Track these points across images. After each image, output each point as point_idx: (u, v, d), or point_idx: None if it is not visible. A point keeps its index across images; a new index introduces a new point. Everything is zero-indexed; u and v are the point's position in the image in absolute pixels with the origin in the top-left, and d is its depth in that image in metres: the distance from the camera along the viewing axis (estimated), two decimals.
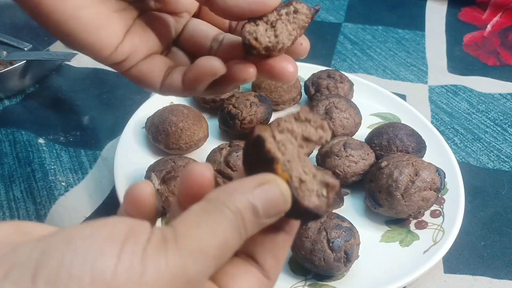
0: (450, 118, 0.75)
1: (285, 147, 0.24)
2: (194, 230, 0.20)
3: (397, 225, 0.56)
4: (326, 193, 0.24)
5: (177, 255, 0.19)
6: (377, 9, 1.03)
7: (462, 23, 0.99)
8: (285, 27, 0.30)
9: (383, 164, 0.55)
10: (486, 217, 0.60)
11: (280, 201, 0.23)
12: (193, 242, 0.20)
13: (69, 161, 0.64)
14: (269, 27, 0.30)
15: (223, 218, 0.21)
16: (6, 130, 0.68)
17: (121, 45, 0.32)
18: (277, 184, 0.23)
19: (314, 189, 0.24)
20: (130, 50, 0.32)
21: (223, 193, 0.22)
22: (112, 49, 0.32)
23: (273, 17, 0.30)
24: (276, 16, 0.30)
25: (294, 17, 0.31)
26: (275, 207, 0.23)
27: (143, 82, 0.34)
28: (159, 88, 0.34)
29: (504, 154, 0.69)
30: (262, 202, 0.22)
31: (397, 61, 0.88)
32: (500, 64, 0.88)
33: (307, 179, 0.24)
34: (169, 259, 0.19)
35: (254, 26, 0.30)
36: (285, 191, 0.23)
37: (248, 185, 0.22)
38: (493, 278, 0.53)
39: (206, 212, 0.21)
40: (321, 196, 0.24)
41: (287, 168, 0.23)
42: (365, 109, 0.69)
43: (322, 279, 0.50)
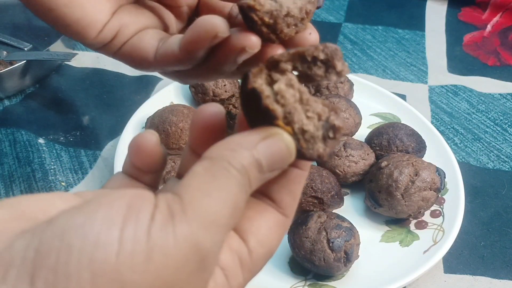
0: (450, 118, 0.75)
1: (284, 98, 0.22)
2: (203, 199, 0.19)
3: (397, 225, 0.56)
4: (333, 134, 0.22)
5: (187, 229, 0.18)
6: (377, 9, 1.03)
7: (462, 23, 0.99)
8: None
9: (383, 164, 0.55)
10: (486, 217, 0.60)
11: (285, 155, 0.22)
12: (203, 213, 0.19)
13: (69, 161, 0.64)
14: None
15: (230, 180, 0.20)
16: (6, 130, 0.68)
17: (108, 23, 0.30)
18: (281, 137, 0.22)
19: (318, 135, 0.22)
20: (119, 26, 0.31)
21: (227, 149, 0.21)
22: (99, 27, 0.30)
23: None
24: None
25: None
26: (280, 161, 0.22)
27: (135, 56, 0.31)
28: (153, 58, 0.31)
29: (504, 154, 0.69)
30: (266, 157, 0.21)
31: (397, 61, 0.88)
32: (500, 64, 0.88)
33: (310, 128, 0.22)
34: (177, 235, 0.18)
35: None
36: (290, 144, 0.22)
37: (251, 139, 0.21)
38: (493, 278, 0.53)
39: (212, 176, 0.20)
40: (327, 138, 0.22)
41: (289, 121, 0.22)
42: (365, 109, 0.69)
43: (322, 279, 0.50)
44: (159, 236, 0.17)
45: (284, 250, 0.52)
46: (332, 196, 0.54)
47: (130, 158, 0.25)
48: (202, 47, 0.27)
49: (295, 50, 0.22)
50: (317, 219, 0.50)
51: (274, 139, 0.21)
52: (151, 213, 0.18)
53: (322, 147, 0.22)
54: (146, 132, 0.25)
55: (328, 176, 0.55)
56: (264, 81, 0.22)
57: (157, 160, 0.25)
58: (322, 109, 0.22)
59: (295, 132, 0.22)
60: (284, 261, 0.52)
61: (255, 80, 0.21)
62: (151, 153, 0.25)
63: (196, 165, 0.20)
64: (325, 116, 0.22)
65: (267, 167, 0.21)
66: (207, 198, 0.19)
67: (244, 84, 0.22)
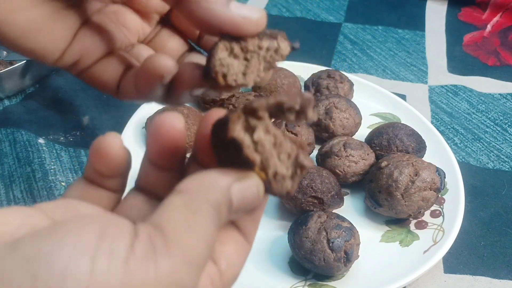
0: (450, 118, 0.75)
1: (263, 146, 0.22)
2: (185, 235, 0.19)
3: (397, 225, 0.56)
4: (300, 171, 0.23)
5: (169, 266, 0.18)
6: (377, 9, 1.03)
7: (462, 23, 0.99)
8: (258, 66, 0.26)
9: (383, 164, 0.55)
10: (486, 217, 0.60)
11: (255, 198, 0.22)
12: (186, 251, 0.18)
13: (69, 161, 0.64)
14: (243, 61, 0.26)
15: (208, 217, 0.20)
16: (6, 130, 0.68)
17: (68, 48, 0.28)
18: (254, 182, 0.22)
19: (288, 174, 0.23)
20: (81, 52, 0.29)
21: (204, 185, 0.21)
22: (58, 54, 0.28)
23: (252, 45, 0.26)
24: (256, 46, 0.26)
25: (272, 56, 0.26)
26: (250, 204, 0.22)
27: (98, 86, 0.30)
28: (115, 93, 0.30)
29: (504, 154, 0.69)
30: (238, 199, 0.21)
31: (397, 61, 0.88)
32: (500, 64, 0.88)
33: (282, 170, 0.23)
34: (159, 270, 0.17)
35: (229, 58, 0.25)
36: (260, 188, 0.22)
37: (227, 179, 0.21)
38: (493, 278, 0.53)
39: (192, 211, 0.20)
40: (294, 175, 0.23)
41: (264, 166, 0.22)
42: (365, 109, 0.69)
43: (322, 279, 0.50)
44: (139, 269, 0.17)
45: (284, 250, 0.52)
46: (332, 196, 0.54)
47: (92, 163, 0.24)
48: (154, 88, 0.27)
49: (273, 101, 0.22)
50: (317, 219, 0.50)
51: (247, 183, 0.22)
52: (129, 244, 0.17)
53: (290, 184, 0.23)
54: (109, 135, 0.24)
55: (328, 176, 0.55)
56: (242, 127, 0.22)
57: (122, 164, 0.24)
58: (291, 147, 0.23)
59: (268, 176, 0.22)
60: (284, 261, 0.52)
61: (234, 128, 0.22)
62: (115, 157, 0.23)
63: (175, 197, 0.20)
64: (293, 154, 0.23)
65: (236, 207, 0.22)
66: (189, 235, 0.19)
67: (221, 130, 0.22)
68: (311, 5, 1.03)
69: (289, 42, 0.27)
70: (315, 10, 1.01)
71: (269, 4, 1.02)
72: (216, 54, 0.25)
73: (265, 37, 0.26)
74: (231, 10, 0.25)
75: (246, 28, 0.25)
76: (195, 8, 0.24)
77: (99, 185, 0.25)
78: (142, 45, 0.32)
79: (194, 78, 0.27)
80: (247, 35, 0.25)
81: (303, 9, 1.01)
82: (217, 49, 0.25)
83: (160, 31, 0.33)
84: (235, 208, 0.22)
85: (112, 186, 0.25)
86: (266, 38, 0.26)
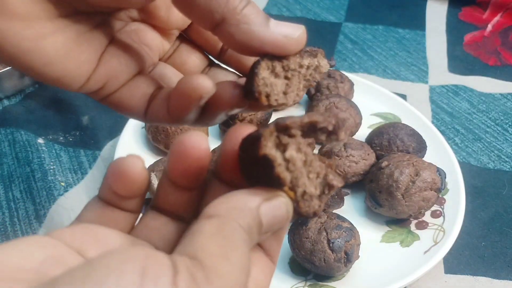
0: (450, 118, 0.75)
1: (294, 165, 0.22)
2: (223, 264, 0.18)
3: (397, 225, 0.56)
4: (328, 190, 0.23)
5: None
6: (378, 8, 1.03)
7: (463, 22, 0.99)
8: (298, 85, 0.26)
9: (383, 164, 0.55)
10: (487, 217, 0.59)
11: (284, 218, 0.22)
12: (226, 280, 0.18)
13: (68, 161, 0.64)
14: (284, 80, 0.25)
15: (242, 241, 0.19)
16: (6, 130, 0.68)
17: (95, 72, 0.27)
18: (283, 201, 0.22)
19: (316, 193, 0.23)
20: (107, 76, 0.27)
21: (234, 208, 0.20)
22: (84, 79, 0.27)
23: (294, 64, 0.25)
24: (297, 65, 0.25)
25: (311, 74, 0.26)
26: (278, 224, 0.22)
27: (124, 111, 0.29)
28: (144, 117, 0.29)
29: (505, 154, 0.69)
30: (268, 219, 0.21)
31: (398, 60, 0.87)
32: (501, 64, 0.88)
33: (311, 190, 0.23)
34: None
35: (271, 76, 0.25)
36: (289, 207, 0.22)
37: (256, 200, 0.21)
38: (493, 278, 0.53)
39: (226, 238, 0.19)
40: (322, 195, 0.23)
41: (293, 185, 0.22)
42: (366, 109, 0.69)
43: (322, 280, 0.50)
44: None
45: (284, 251, 0.52)
46: (332, 196, 0.54)
47: (112, 184, 0.23)
48: (191, 111, 0.26)
49: (308, 120, 0.22)
50: (317, 220, 0.50)
51: (276, 202, 0.21)
52: (171, 280, 0.17)
53: (317, 204, 0.23)
54: (130, 157, 0.23)
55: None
56: (273, 143, 0.22)
57: (142, 186, 0.23)
58: (320, 165, 0.23)
59: (296, 196, 0.22)
60: (284, 261, 0.52)
61: (266, 145, 0.21)
62: (136, 179, 0.23)
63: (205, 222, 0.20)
64: (322, 174, 0.23)
65: (266, 228, 0.21)
66: (226, 263, 0.18)
67: (251, 146, 0.22)
68: (311, 5, 1.02)
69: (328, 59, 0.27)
70: (316, 9, 1.01)
71: (269, 3, 1.02)
72: (259, 74, 0.24)
73: (306, 55, 0.26)
74: (272, 30, 0.24)
75: (288, 48, 0.24)
76: (234, 31, 0.24)
77: (115, 206, 0.24)
78: (164, 63, 0.31)
79: (233, 98, 0.26)
80: (289, 54, 0.25)
81: (303, 9, 1.01)
82: (260, 68, 0.24)
83: (179, 47, 0.32)
84: (265, 229, 0.21)
85: (129, 207, 0.24)
86: (307, 56, 0.26)
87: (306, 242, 0.48)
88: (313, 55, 0.26)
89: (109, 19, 0.28)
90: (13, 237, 0.55)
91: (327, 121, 0.22)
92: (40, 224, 0.56)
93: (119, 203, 0.24)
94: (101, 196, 0.24)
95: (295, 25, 0.25)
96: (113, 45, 0.28)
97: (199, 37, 0.31)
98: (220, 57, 0.32)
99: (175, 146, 0.23)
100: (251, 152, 0.22)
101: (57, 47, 0.25)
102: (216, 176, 0.24)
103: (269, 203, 0.21)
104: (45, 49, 0.24)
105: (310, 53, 0.26)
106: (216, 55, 0.32)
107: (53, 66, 0.25)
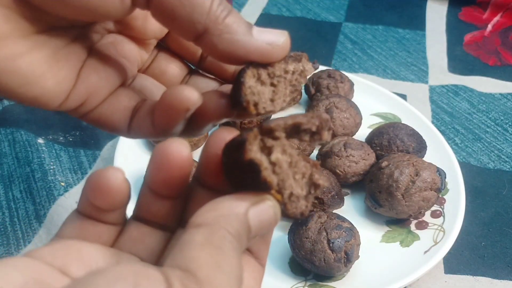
0: (450, 118, 0.75)
1: (281, 167, 0.22)
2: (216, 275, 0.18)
3: (397, 226, 0.56)
4: (314, 190, 0.23)
5: None
6: (378, 8, 1.03)
7: (463, 22, 0.99)
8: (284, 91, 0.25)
9: (383, 164, 0.55)
10: (487, 217, 0.59)
11: (272, 221, 0.22)
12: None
13: (68, 161, 0.64)
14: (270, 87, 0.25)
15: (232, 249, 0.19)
16: (6, 130, 0.68)
17: (74, 89, 0.25)
18: (271, 204, 0.21)
19: (302, 194, 0.23)
20: (87, 92, 0.26)
21: (221, 215, 0.20)
22: (63, 97, 0.25)
23: (279, 70, 0.25)
24: (283, 71, 0.25)
25: (297, 78, 0.26)
26: (267, 227, 0.21)
27: (106, 127, 0.27)
28: (127, 132, 0.27)
29: (505, 154, 0.69)
30: (256, 223, 0.21)
31: (398, 60, 0.87)
32: (500, 64, 0.88)
33: (297, 191, 0.22)
34: None
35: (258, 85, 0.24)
36: (277, 210, 0.22)
37: (243, 204, 0.21)
38: (493, 278, 0.53)
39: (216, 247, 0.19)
40: (308, 195, 0.23)
41: (280, 188, 0.22)
42: (366, 109, 0.69)
43: (322, 280, 0.50)
44: None
45: (284, 251, 0.52)
46: (332, 196, 0.54)
47: (91, 198, 0.22)
48: (177, 123, 0.24)
49: (291, 122, 0.22)
50: (317, 220, 0.50)
51: (264, 206, 0.21)
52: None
53: (304, 204, 0.23)
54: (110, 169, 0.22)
55: (329, 176, 0.55)
56: (258, 147, 0.21)
57: (123, 198, 0.23)
58: (305, 165, 0.23)
59: (283, 198, 0.22)
60: (285, 261, 0.52)
61: (251, 148, 0.21)
62: (117, 192, 0.22)
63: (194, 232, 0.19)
64: (308, 174, 0.23)
65: (254, 232, 0.21)
66: (219, 273, 0.18)
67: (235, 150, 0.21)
68: (311, 5, 1.02)
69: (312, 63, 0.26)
70: (316, 9, 1.01)
71: (269, 3, 1.02)
72: (246, 83, 0.24)
73: (290, 60, 0.25)
74: (256, 38, 0.23)
75: (273, 55, 0.24)
76: (217, 41, 0.23)
77: (96, 219, 0.23)
78: (143, 75, 0.30)
79: (220, 108, 0.25)
80: (274, 61, 0.24)
81: (303, 9, 1.01)
82: (246, 76, 0.24)
83: (157, 56, 0.31)
84: (253, 234, 0.21)
85: (111, 219, 0.24)
86: (292, 61, 0.25)
87: (306, 242, 0.48)
88: (298, 60, 0.26)
89: (85, 32, 0.27)
90: (13, 237, 0.55)
91: (311, 122, 0.22)
92: (40, 224, 0.56)
93: (100, 216, 0.23)
94: (80, 210, 0.23)
95: (278, 32, 0.24)
96: (91, 59, 0.27)
97: (178, 46, 0.30)
98: (200, 65, 0.31)
99: (155, 155, 0.22)
100: (235, 157, 0.21)
101: (33, 66, 0.23)
102: (199, 183, 0.24)
103: (257, 208, 0.21)
104: (21, 69, 0.23)
105: (294, 58, 0.26)
106: (196, 63, 0.31)
107: (30, 86, 0.24)
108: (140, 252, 0.24)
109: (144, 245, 0.24)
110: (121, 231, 0.24)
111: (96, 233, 0.23)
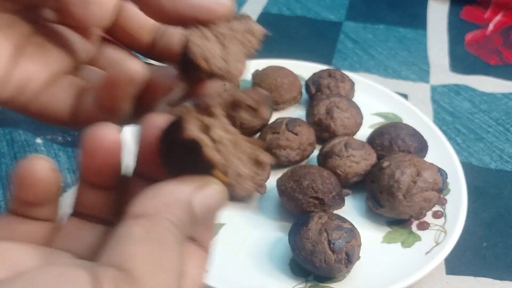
0: (452, 118, 0.74)
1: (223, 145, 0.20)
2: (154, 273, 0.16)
3: (398, 226, 0.56)
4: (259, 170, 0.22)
5: None
6: (378, 8, 1.02)
7: (464, 22, 0.98)
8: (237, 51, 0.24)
9: (384, 164, 0.55)
10: (489, 217, 0.59)
11: (218, 205, 0.20)
12: None
13: (67, 161, 0.64)
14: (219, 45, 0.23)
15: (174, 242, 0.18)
16: (4, 129, 0.68)
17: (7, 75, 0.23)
18: (218, 187, 0.20)
19: (248, 174, 0.22)
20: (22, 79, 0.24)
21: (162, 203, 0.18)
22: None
23: (224, 29, 0.24)
24: (227, 29, 0.24)
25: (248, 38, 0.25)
26: (213, 211, 0.20)
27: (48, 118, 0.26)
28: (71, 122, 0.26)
29: (507, 154, 0.68)
30: (201, 209, 0.19)
31: (399, 60, 0.87)
32: (502, 64, 0.87)
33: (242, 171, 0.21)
34: None
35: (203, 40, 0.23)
36: (223, 192, 0.20)
37: (186, 190, 0.19)
38: (495, 279, 0.53)
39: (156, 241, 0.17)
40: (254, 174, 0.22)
41: (225, 168, 0.21)
42: (367, 108, 0.69)
43: (323, 281, 0.50)
44: None
45: (284, 251, 0.52)
46: (333, 196, 0.53)
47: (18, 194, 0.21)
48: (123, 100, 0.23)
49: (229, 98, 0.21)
50: (318, 220, 0.49)
51: (209, 190, 0.20)
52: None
53: (250, 185, 0.22)
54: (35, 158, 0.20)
55: (329, 177, 0.55)
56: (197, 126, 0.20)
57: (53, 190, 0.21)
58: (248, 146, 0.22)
59: (229, 178, 0.21)
60: (285, 262, 0.52)
61: (190, 128, 0.20)
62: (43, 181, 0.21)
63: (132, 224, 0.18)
64: (252, 154, 0.22)
65: (200, 218, 0.20)
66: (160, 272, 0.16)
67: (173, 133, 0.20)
68: (311, 4, 1.02)
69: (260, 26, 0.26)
70: (316, 8, 1.01)
71: (270, 2, 1.01)
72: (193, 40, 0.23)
73: (234, 20, 0.24)
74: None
75: (217, 11, 0.23)
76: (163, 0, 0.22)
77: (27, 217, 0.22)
78: (90, 66, 0.29)
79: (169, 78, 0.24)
80: (219, 19, 0.23)
81: (303, 8, 1.01)
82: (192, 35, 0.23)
83: (103, 48, 0.29)
84: (200, 218, 0.20)
85: (43, 215, 0.22)
86: (235, 20, 0.24)
87: (307, 243, 0.48)
88: (242, 19, 0.25)
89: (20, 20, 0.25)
90: None
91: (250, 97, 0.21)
92: None
93: (29, 212, 0.22)
94: (10, 209, 0.22)
95: None
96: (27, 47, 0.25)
97: (124, 35, 0.29)
98: (148, 54, 0.30)
99: (83, 140, 0.21)
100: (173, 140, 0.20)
101: None
102: (137, 173, 0.23)
103: (202, 192, 0.20)
104: None
105: (237, 18, 0.25)
106: (144, 52, 0.30)
107: None
108: (78, 249, 0.22)
109: (82, 241, 0.23)
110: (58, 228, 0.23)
111: (28, 231, 0.22)
